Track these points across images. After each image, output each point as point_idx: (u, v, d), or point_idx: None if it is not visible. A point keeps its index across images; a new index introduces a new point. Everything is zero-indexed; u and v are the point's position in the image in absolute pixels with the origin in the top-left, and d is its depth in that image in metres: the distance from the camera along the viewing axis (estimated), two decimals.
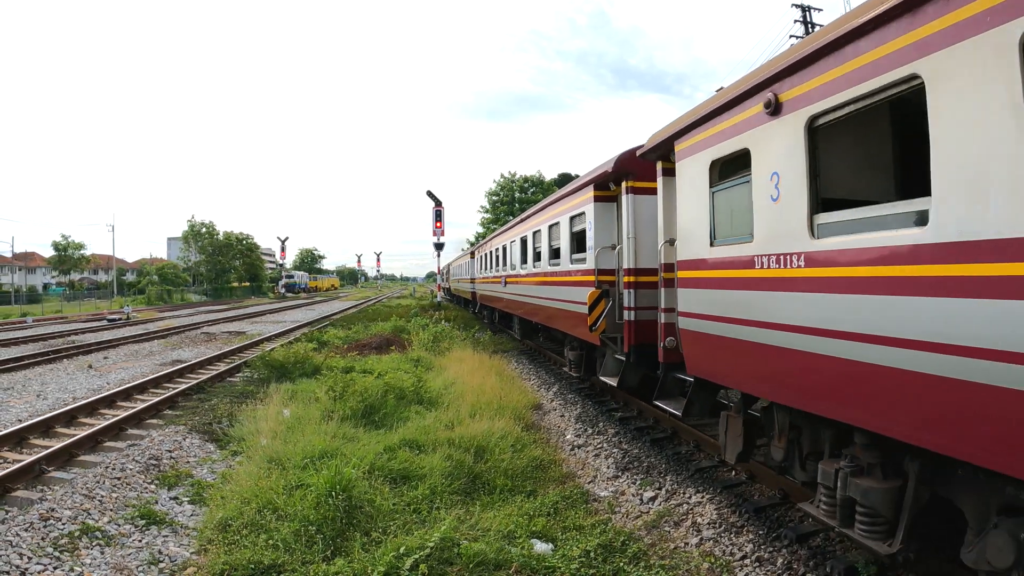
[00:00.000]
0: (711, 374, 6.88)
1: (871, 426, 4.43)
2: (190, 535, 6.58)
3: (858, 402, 4.50)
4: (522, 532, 6.21)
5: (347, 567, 5.38)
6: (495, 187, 75.28)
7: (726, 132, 6.24)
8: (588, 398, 12.69)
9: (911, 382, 3.97)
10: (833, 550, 5.76)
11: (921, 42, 3.89)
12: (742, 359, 6.04)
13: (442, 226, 34.36)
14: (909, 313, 3.97)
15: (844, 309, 4.53)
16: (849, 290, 4.48)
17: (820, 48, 4.72)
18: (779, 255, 5.32)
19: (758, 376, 5.90)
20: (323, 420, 9.84)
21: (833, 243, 4.71)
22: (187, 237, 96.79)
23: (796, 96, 5.10)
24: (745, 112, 5.87)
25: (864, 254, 4.36)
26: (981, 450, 3.60)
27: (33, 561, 5.68)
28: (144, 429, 10.47)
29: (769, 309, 5.46)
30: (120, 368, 17.89)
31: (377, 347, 19.61)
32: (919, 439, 4.02)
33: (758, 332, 5.63)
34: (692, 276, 7.02)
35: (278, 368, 14.77)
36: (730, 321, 6.15)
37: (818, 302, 4.82)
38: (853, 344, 4.43)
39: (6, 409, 12.26)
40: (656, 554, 6.00)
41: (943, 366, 3.72)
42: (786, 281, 5.23)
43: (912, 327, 3.94)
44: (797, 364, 5.13)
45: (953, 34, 3.65)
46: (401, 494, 7.09)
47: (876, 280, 4.22)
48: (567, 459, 9.13)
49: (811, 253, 4.92)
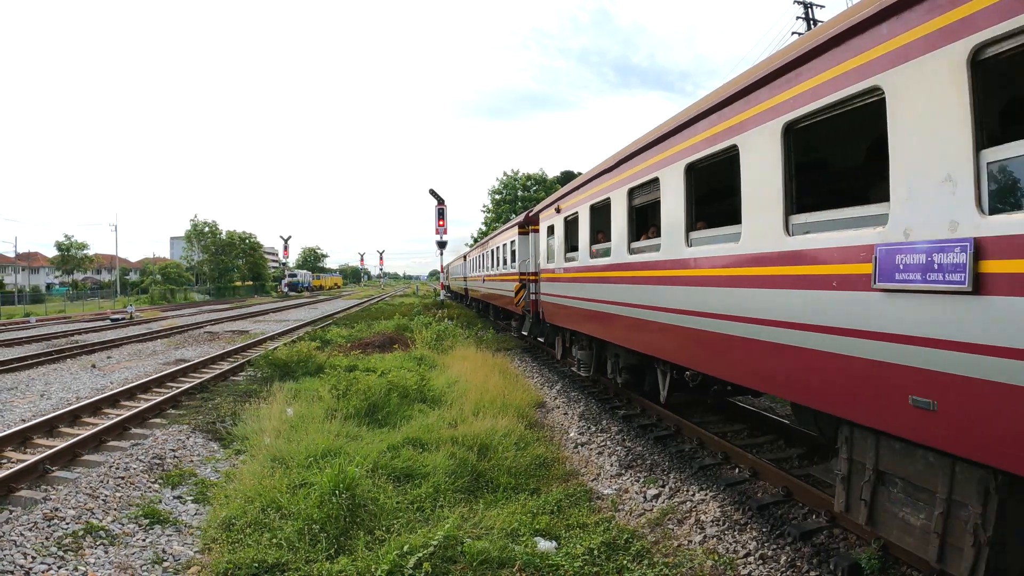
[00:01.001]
0: (551, 319, 15.57)
1: (584, 329, 12.63)
2: (194, 534, 6.58)
3: (594, 328, 11.78)
4: (526, 530, 6.20)
5: (351, 566, 5.38)
6: (498, 185, 75.23)
7: (547, 218, 15.51)
8: (592, 396, 12.68)
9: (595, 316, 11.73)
10: (836, 547, 5.74)
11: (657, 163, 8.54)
12: (562, 313, 14.10)
13: (445, 224, 34.32)
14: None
15: (587, 291, 11.70)
16: (589, 280, 11.76)
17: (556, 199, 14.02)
18: (551, 269, 14.64)
19: (568, 321, 13.68)
20: (326, 419, 9.85)
21: (595, 262, 11.38)
22: (190, 236, 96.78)
23: (567, 205, 13.23)
24: (550, 210, 14.92)
25: (593, 269, 11.66)
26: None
27: (37, 561, 5.68)
28: (148, 428, 10.48)
29: (567, 292, 13.40)
30: (123, 367, 17.92)
31: (380, 345, 19.62)
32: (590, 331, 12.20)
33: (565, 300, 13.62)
34: (545, 277, 16.04)
35: (281, 367, 14.79)
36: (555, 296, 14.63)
37: (570, 287, 13.03)
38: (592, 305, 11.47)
39: (10, 409, 12.29)
40: (660, 552, 5.99)
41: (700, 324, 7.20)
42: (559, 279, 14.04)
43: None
44: (579, 313, 12.43)
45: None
46: (404, 492, 7.10)
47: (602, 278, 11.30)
48: (570, 457, 9.12)
49: (563, 267, 13.49)
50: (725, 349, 6.54)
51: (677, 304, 7.66)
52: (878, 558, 5.27)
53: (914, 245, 4.01)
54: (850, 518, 5.17)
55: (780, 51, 5.66)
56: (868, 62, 4.45)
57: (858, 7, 4.57)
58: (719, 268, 6.61)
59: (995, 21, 3.51)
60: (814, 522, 6.21)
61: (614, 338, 10.40)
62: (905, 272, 4.06)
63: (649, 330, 8.64)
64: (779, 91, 5.50)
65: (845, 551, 5.63)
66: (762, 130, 5.77)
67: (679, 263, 7.63)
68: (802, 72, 5.19)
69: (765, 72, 5.67)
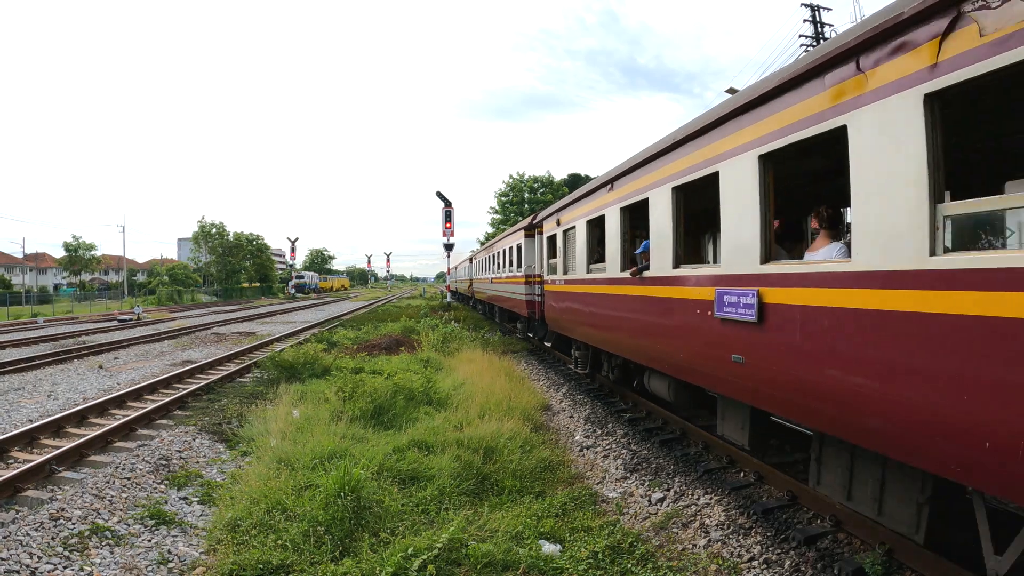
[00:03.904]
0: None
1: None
2: (199, 535, 6.61)
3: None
4: (530, 533, 6.20)
5: (355, 567, 5.39)
6: (504, 187, 75.31)
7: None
8: (597, 399, 12.67)
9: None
10: (841, 552, 5.72)
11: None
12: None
13: (452, 226, 34.32)
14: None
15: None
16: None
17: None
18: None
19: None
20: (332, 421, 9.87)
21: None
22: (197, 238, 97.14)
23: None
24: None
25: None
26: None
27: (43, 561, 5.71)
28: (154, 429, 10.53)
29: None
30: (130, 368, 18.00)
31: (387, 348, 19.65)
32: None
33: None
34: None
35: (288, 369, 14.82)
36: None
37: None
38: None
39: (17, 409, 12.35)
40: (664, 555, 5.98)
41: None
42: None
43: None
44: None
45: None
46: (410, 495, 7.10)
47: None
48: (576, 460, 9.11)
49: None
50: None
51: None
52: (882, 563, 5.25)
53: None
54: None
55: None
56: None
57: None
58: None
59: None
60: (819, 526, 6.18)
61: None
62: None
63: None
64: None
65: (849, 556, 5.60)
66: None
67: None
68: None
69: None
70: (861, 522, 5.82)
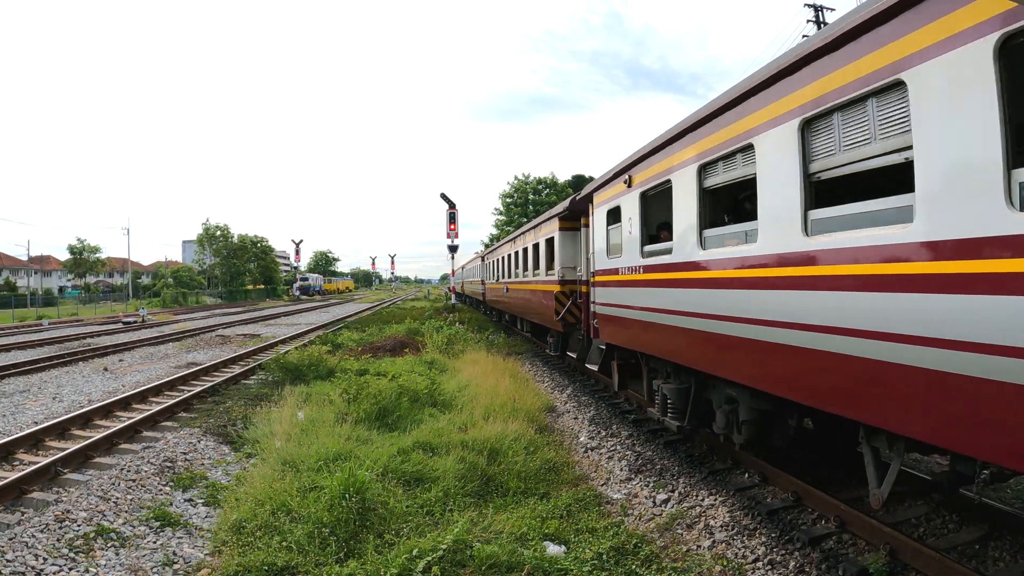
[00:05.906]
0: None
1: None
2: (204, 537, 6.62)
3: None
4: (535, 534, 6.19)
5: (360, 569, 5.40)
6: (509, 189, 75.23)
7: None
8: (602, 400, 12.66)
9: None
10: (845, 553, 5.71)
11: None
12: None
13: (456, 228, 34.33)
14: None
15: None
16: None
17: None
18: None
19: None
20: (337, 422, 9.87)
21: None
22: (202, 240, 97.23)
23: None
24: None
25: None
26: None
27: (48, 562, 5.73)
28: (159, 431, 10.54)
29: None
30: (135, 370, 18.04)
31: (391, 349, 19.67)
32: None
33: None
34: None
35: (292, 370, 14.83)
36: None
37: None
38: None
39: (22, 411, 12.38)
40: (668, 556, 5.97)
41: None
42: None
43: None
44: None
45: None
46: (414, 496, 7.10)
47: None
48: (580, 461, 9.11)
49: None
50: None
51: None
52: (886, 564, 5.25)
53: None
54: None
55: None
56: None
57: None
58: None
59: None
60: (823, 527, 6.18)
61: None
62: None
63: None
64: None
65: (854, 557, 5.60)
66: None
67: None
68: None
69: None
70: (866, 523, 5.83)
